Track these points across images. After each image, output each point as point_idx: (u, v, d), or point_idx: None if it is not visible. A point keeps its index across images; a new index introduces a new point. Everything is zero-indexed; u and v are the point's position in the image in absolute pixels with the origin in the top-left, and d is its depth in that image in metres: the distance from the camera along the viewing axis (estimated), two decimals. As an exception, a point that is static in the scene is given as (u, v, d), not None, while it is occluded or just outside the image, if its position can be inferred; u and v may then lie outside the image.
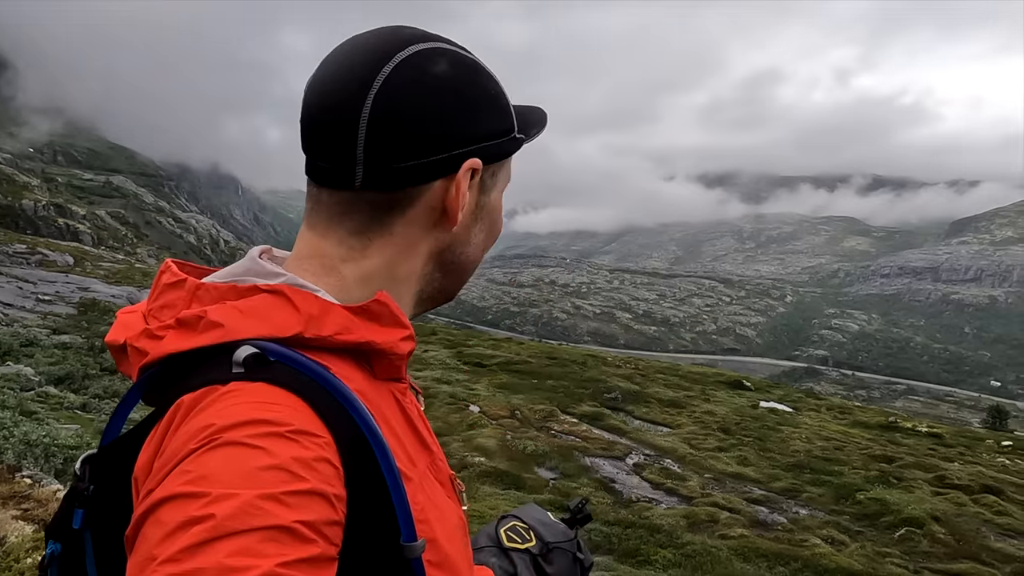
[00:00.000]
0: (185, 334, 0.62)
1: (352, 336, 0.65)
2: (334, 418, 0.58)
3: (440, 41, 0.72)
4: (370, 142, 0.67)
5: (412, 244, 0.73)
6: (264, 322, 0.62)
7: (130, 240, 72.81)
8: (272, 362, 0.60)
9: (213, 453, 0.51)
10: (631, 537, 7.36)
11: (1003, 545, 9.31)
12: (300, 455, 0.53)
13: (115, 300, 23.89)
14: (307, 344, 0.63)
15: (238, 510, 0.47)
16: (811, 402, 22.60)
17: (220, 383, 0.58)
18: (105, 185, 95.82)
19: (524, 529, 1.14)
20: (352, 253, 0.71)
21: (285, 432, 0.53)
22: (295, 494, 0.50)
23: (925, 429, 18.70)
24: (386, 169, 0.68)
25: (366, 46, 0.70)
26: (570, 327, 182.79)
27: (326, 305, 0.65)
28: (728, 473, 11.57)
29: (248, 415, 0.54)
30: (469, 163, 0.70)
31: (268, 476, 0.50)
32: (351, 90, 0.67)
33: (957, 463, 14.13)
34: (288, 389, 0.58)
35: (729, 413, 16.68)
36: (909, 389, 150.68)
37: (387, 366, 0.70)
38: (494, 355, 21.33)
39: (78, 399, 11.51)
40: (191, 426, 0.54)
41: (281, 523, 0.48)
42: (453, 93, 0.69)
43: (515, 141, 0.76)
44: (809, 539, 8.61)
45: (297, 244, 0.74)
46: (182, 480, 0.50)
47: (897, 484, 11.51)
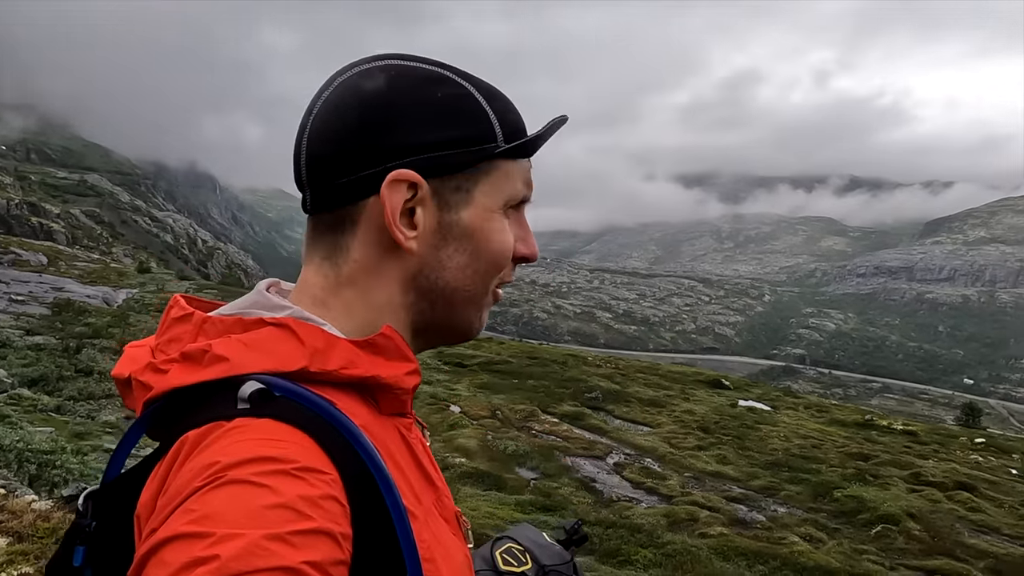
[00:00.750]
0: (190, 368, 0.61)
1: (358, 371, 0.65)
2: (340, 455, 0.57)
3: (402, 60, 0.71)
4: (309, 164, 0.69)
5: (376, 268, 0.71)
6: (269, 356, 0.62)
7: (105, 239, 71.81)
8: (277, 397, 0.59)
9: (218, 492, 0.51)
10: (612, 537, 7.38)
11: (977, 541, 9.46)
12: (306, 493, 0.52)
13: (90, 300, 23.55)
14: (312, 378, 0.62)
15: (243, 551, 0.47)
16: (789, 401, 22.82)
17: (225, 419, 0.57)
18: (80, 184, 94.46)
19: (520, 552, 1.12)
20: (328, 281, 0.71)
21: (291, 470, 0.53)
22: (301, 533, 0.49)
23: (900, 427, 18.96)
24: (325, 188, 0.69)
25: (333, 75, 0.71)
26: (551, 327, 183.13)
27: (331, 339, 0.65)
28: (708, 472, 11.65)
29: (253, 452, 0.53)
30: (392, 175, 0.66)
31: (274, 515, 0.49)
32: (302, 119, 0.70)
33: (932, 460, 14.33)
34: (294, 425, 0.57)
35: (708, 412, 16.79)
36: (885, 387, 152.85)
37: (392, 401, 0.69)
38: (475, 355, 21.30)
39: (52, 401, 11.33)
40: (196, 463, 0.54)
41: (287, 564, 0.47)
42: (384, 106, 0.68)
43: (480, 152, 0.70)
44: (787, 537, 8.69)
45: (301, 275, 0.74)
46: (186, 519, 0.49)
47: (873, 481, 11.65)
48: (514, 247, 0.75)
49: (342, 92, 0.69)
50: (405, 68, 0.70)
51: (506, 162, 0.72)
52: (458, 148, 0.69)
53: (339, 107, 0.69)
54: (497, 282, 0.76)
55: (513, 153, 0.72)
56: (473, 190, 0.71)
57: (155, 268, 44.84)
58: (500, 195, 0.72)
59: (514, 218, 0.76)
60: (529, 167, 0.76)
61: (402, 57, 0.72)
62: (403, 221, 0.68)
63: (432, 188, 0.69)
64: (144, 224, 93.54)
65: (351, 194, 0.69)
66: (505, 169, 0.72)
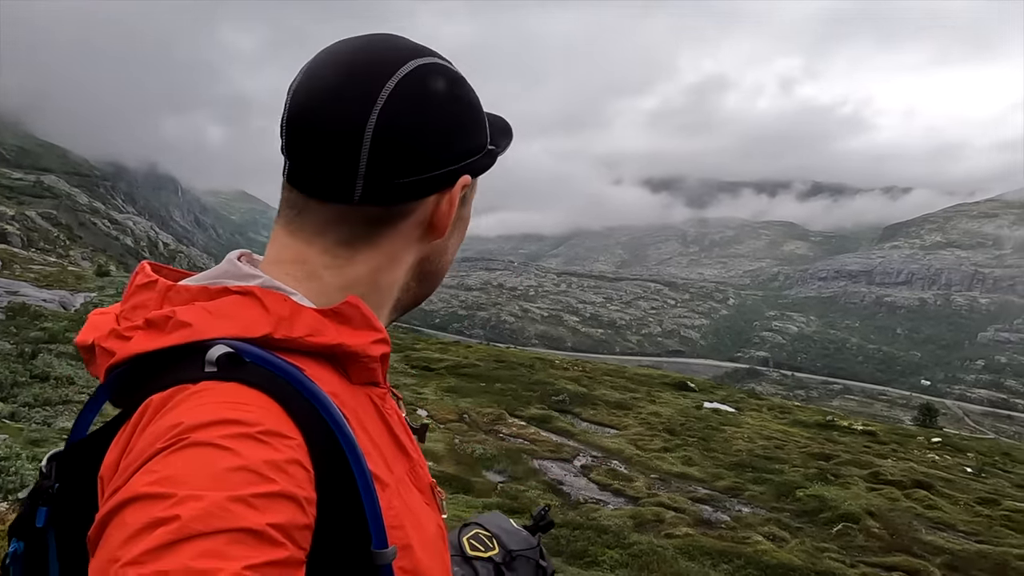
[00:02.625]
0: (153, 334, 0.61)
1: (323, 338, 0.65)
2: (306, 420, 0.57)
3: (433, 55, 0.72)
4: (373, 157, 0.67)
5: (396, 255, 0.73)
6: (232, 322, 0.62)
7: (62, 242, 70.04)
8: (246, 362, 0.59)
9: (180, 453, 0.50)
10: (579, 538, 7.40)
11: (933, 538, 9.68)
12: (270, 457, 0.52)
13: (46, 304, 22.94)
14: (278, 345, 0.62)
15: (204, 512, 0.46)
16: (753, 402, 23.13)
17: (191, 382, 0.57)
18: (36, 185, 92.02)
19: (487, 537, 1.13)
20: (337, 261, 0.71)
21: (255, 433, 0.53)
22: (264, 496, 0.49)
23: (860, 427, 19.34)
24: (387, 184, 0.68)
25: (365, 57, 0.69)
26: (518, 330, 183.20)
27: (296, 307, 0.65)
28: (673, 473, 11.75)
29: (218, 415, 0.53)
30: (464, 179, 0.72)
31: (236, 478, 0.49)
32: (354, 103, 0.66)
33: (890, 460, 14.65)
34: (260, 389, 0.57)
35: (674, 414, 16.95)
36: (845, 388, 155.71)
37: (361, 370, 0.69)
38: (442, 359, 21.22)
39: (6, 408, 11.01)
40: (159, 425, 0.54)
41: (249, 525, 0.47)
42: (450, 110, 0.71)
43: (491, 154, 0.77)
44: (751, 536, 8.80)
45: (274, 248, 0.73)
46: (148, 480, 0.49)
47: (834, 481, 11.86)
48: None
49: (412, 91, 0.68)
50: (451, 71, 0.73)
51: None
52: (484, 151, 0.75)
53: (410, 105, 0.68)
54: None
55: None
56: (474, 186, 0.77)
57: (114, 271, 43.83)
58: (475, 191, 0.79)
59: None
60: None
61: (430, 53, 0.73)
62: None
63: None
64: (103, 226, 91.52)
65: (415, 192, 0.70)
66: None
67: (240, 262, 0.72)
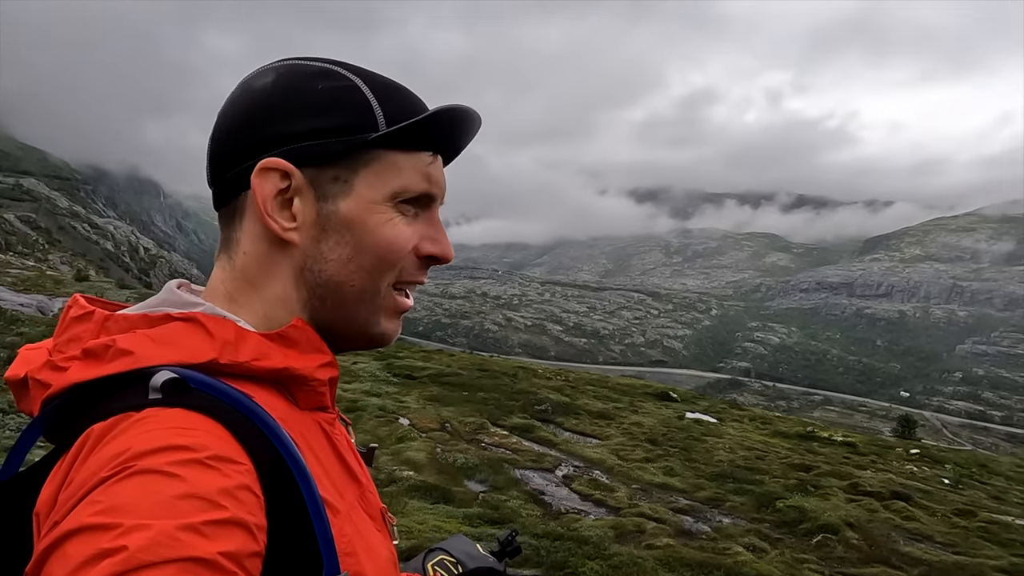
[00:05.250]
0: (92, 363, 0.59)
1: (270, 363, 0.63)
2: (254, 445, 0.55)
3: (298, 60, 0.71)
4: (210, 160, 0.71)
5: (267, 261, 0.70)
6: (176, 348, 0.60)
7: (41, 246, 69.26)
8: (191, 388, 0.57)
9: (126, 482, 0.48)
10: (559, 550, 7.38)
11: (911, 549, 9.75)
12: (219, 483, 0.50)
13: (24, 309, 22.63)
14: (224, 371, 0.61)
15: (152, 541, 0.44)
16: (734, 413, 23.23)
17: (134, 410, 0.55)
18: (15, 188, 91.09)
19: (452, 563, 1.11)
20: (226, 274, 0.71)
21: (203, 459, 0.51)
22: (214, 524, 0.47)
23: (840, 438, 19.47)
24: (218, 183, 0.71)
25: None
26: (501, 339, 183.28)
27: (242, 332, 0.64)
28: (655, 483, 11.76)
29: (164, 441, 0.51)
30: (261, 163, 0.67)
31: (185, 505, 0.47)
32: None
33: (870, 471, 14.75)
34: (207, 415, 0.55)
35: (656, 424, 16.98)
36: (826, 399, 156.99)
37: (309, 394, 0.68)
38: (425, 367, 21.14)
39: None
40: (102, 454, 0.51)
41: (199, 555, 0.45)
42: (266, 100, 0.69)
43: (352, 140, 0.68)
44: (732, 547, 8.81)
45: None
46: (92, 511, 0.46)
47: (814, 492, 11.92)
48: (419, 245, 0.73)
49: (235, 92, 0.71)
50: (294, 66, 0.71)
51: (394, 153, 0.70)
52: (332, 137, 0.68)
53: (231, 105, 0.71)
54: (392, 280, 0.72)
55: (399, 144, 0.70)
56: (353, 180, 0.69)
57: (94, 276, 43.40)
58: (385, 187, 0.70)
59: (423, 217, 0.74)
60: (430, 162, 0.72)
61: (301, 58, 0.72)
62: (282, 212, 0.68)
63: (308, 178, 0.68)
64: (83, 231, 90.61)
65: (236, 186, 0.70)
66: (392, 160, 0.70)
67: (180, 291, 0.70)
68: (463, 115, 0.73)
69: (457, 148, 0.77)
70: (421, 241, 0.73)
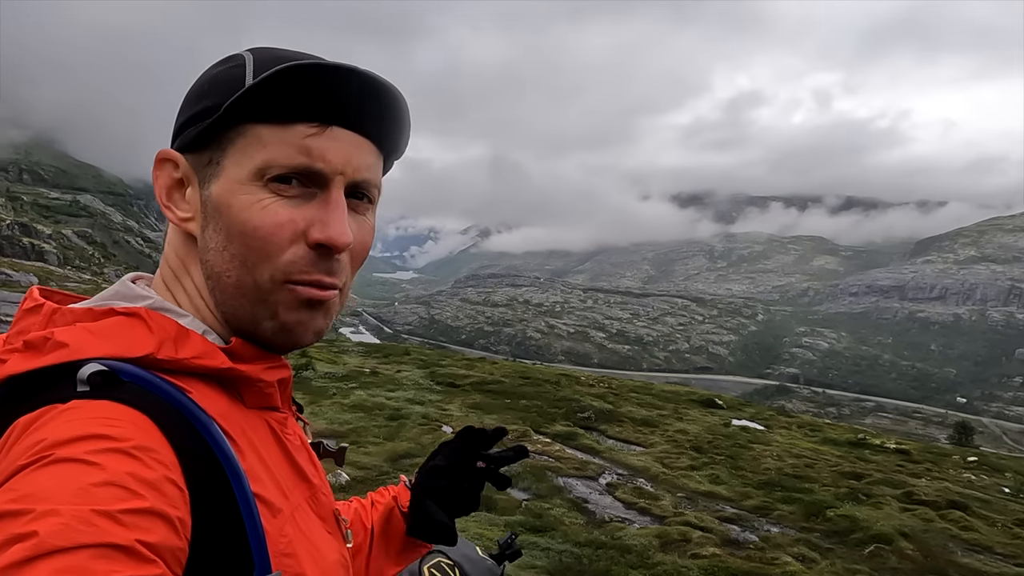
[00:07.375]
0: (29, 355, 0.58)
1: (212, 362, 0.62)
2: (181, 439, 0.54)
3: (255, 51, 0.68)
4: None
5: (182, 252, 0.70)
6: (112, 341, 0.59)
7: (97, 260, 71.68)
8: (122, 382, 0.56)
9: (43, 470, 0.47)
10: (602, 558, 7.33)
11: (970, 560, 9.43)
12: (140, 473, 0.49)
13: (80, 321, 23.44)
14: (163, 367, 0.60)
15: (63, 526, 0.43)
16: (782, 420, 22.80)
17: (60, 401, 0.54)
18: (72, 204, 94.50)
19: (449, 566, 1.10)
20: (163, 266, 0.72)
21: (125, 448, 0.50)
22: (132, 512, 0.46)
23: (893, 445, 18.95)
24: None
25: None
26: (544, 346, 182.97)
27: (185, 329, 0.63)
28: (700, 492, 11.59)
29: (85, 430, 0.50)
30: (157, 155, 0.68)
31: (102, 493, 0.46)
32: None
33: (924, 479, 14.32)
34: (132, 406, 0.54)
35: (701, 431, 16.76)
36: (878, 406, 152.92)
37: (256, 394, 0.67)
38: (467, 375, 21.25)
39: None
40: (23, 444, 0.50)
41: (115, 541, 0.44)
42: (188, 93, 0.69)
43: (204, 112, 0.65)
44: (780, 557, 8.64)
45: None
46: (7, 498, 0.46)
47: (866, 500, 11.62)
48: (308, 232, 0.64)
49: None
50: (229, 58, 0.69)
51: (260, 127, 0.64)
52: (205, 119, 0.65)
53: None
54: (277, 274, 0.65)
55: (266, 116, 0.63)
56: (223, 161, 0.65)
57: (147, 288, 44.69)
58: (249, 163, 0.64)
59: (319, 199, 0.65)
60: (310, 133, 0.64)
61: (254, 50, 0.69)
62: (179, 203, 0.68)
63: (191, 164, 0.67)
64: (136, 244, 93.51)
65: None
66: (257, 134, 0.64)
67: (135, 284, 0.70)
68: (324, 71, 0.63)
69: (351, 114, 0.65)
70: (309, 227, 0.65)
